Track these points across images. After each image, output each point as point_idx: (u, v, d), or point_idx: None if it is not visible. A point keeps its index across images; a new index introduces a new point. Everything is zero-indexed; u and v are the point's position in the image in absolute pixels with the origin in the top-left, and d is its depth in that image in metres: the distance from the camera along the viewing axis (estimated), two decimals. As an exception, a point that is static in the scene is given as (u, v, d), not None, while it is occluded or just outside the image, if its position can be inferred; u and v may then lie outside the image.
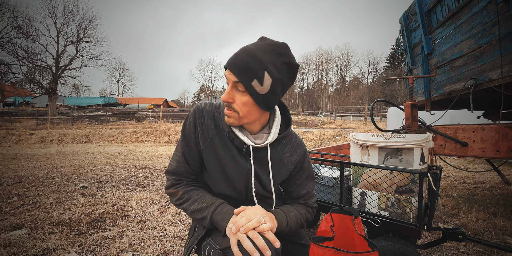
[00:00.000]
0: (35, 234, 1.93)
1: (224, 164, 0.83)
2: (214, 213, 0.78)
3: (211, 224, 0.79)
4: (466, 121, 5.00)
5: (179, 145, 0.89)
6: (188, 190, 0.87)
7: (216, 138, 0.84)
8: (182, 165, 0.88)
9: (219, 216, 0.77)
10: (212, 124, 0.85)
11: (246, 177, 0.85)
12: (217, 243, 0.77)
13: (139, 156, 6.91)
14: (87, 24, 22.79)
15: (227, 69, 0.73)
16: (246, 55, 0.69)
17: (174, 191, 0.88)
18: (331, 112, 27.51)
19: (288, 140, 0.91)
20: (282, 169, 0.88)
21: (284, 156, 0.89)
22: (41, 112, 18.22)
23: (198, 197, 0.84)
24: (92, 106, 32.23)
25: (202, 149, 0.85)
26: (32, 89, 25.63)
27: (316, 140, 9.91)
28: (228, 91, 0.74)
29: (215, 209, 0.79)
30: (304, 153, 0.93)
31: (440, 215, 2.26)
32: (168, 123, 14.75)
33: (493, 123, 1.72)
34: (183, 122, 0.88)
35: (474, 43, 1.81)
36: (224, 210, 0.78)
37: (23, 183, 3.69)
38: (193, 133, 0.85)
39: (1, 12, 18.52)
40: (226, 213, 0.77)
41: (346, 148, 2.30)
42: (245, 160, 0.85)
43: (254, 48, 0.70)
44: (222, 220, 0.76)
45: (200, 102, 0.89)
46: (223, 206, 0.80)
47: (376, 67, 58.99)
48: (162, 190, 3.23)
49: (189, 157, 0.87)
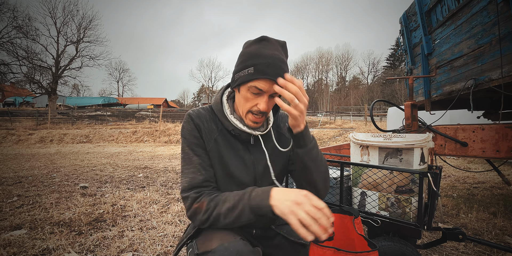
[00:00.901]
0: (35, 234, 1.93)
1: (228, 163, 0.84)
2: (250, 199, 0.70)
3: (253, 215, 0.70)
4: (466, 121, 5.00)
5: (186, 157, 0.83)
6: (213, 197, 0.77)
7: (219, 139, 0.85)
8: (199, 174, 0.81)
9: (257, 199, 0.69)
10: (212, 125, 0.86)
11: (254, 171, 0.87)
12: (197, 246, 0.74)
13: (139, 156, 6.91)
14: (87, 24, 22.81)
15: (263, 79, 0.74)
16: (280, 63, 0.74)
17: (198, 205, 0.77)
18: (331, 112, 27.50)
19: (276, 115, 0.98)
20: (288, 142, 0.93)
21: (281, 129, 0.97)
22: (41, 112, 18.22)
23: (226, 196, 0.75)
24: (92, 106, 32.22)
25: (208, 150, 0.85)
26: (32, 89, 25.65)
27: (316, 140, 9.91)
28: (266, 101, 0.77)
29: (250, 196, 0.71)
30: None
31: (440, 215, 2.26)
32: (168, 123, 14.75)
33: (493, 123, 1.72)
34: (182, 132, 0.85)
35: (474, 43, 1.81)
36: (260, 191, 0.71)
37: (23, 183, 3.69)
38: (199, 137, 0.84)
39: (1, 12, 18.54)
40: (263, 191, 0.70)
41: (346, 148, 2.29)
42: (250, 153, 0.88)
43: (278, 53, 0.76)
44: (262, 199, 0.68)
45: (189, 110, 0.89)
46: (256, 190, 0.73)
47: (376, 67, 58.99)
48: (162, 190, 3.23)
49: (204, 163, 0.82)
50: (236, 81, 0.80)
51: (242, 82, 0.78)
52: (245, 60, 0.77)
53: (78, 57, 22.45)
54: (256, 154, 0.88)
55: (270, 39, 0.77)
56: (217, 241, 0.70)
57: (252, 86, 0.76)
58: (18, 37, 19.46)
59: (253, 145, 0.89)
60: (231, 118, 0.85)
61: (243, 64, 0.77)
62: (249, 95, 0.78)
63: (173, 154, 7.20)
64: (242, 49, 0.81)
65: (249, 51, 0.77)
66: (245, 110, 0.81)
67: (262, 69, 0.73)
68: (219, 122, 0.87)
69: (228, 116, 0.85)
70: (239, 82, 0.78)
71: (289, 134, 0.85)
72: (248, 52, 0.77)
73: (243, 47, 0.81)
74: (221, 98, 0.89)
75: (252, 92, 0.77)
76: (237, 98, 0.83)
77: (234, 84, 0.82)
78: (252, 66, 0.74)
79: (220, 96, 0.90)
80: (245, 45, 0.81)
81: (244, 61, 0.77)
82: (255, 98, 0.78)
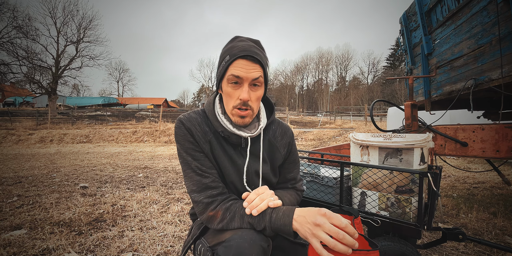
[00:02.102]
0: (35, 234, 1.93)
1: (223, 167, 0.84)
2: (271, 222, 0.69)
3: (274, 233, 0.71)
4: (466, 121, 5.00)
5: (185, 162, 0.81)
6: (228, 206, 0.75)
7: (213, 141, 0.84)
8: (205, 176, 0.80)
9: (278, 222, 0.68)
10: (205, 127, 0.84)
11: (247, 175, 0.85)
12: (207, 241, 0.76)
13: (139, 156, 6.91)
14: (87, 24, 22.77)
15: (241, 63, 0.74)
16: (254, 48, 0.75)
17: (213, 213, 0.75)
18: (331, 112, 27.50)
19: (276, 124, 0.95)
20: (277, 154, 0.92)
21: (276, 140, 0.92)
22: (41, 112, 18.22)
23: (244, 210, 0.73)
24: (92, 106, 32.25)
25: (206, 153, 0.83)
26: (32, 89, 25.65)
27: (316, 140, 9.91)
28: (247, 90, 0.76)
29: (270, 218, 0.69)
30: (292, 135, 0.98)
31: (440, 215, 2.26)
32: (168, 123, 14.75)
33: (493, 123, 1.72)
34: (176, 138, 0.83)
35: (474, 43, 1.81)
36: (281, 214, 0.69)
37: (23, 183, 3.69)
38: (193, 141, 0.82)
39: (1, 12, 18.51)
40: (284, 215, 0.68)
41: (346, 148, 2.29)
42: (243, 157, 0.86)
43: (250, 43, 0.77)
44: (284, 224, 0.67)
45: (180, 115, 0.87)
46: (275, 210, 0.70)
47: (376, 67, 59.01)
48: (162, 190, 3.23)
49: (205, 166, 0.81)
50: (218, 77, 0.81)
51: (221, 74, 0.78)
52: (221, 56, 0.80)
53: (78, 57, 22.42)
54: (250, 158, 0.86)
55: (242, 37, 0.81)
56: (230, 232, 0.72)
57: (229, 76, 0.76)
58: (18, 37, 19.44)
59: (244, 148, 0.86)
60: (221, 118, 0.82)
61: (220, 59, 0.80)
62: (229, 89, 0.78)
63: (173, 154, 7.20)
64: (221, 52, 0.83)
65: (224, 49, 0.80)
66: (230, 107, 0.80)
67: (235, 52, 0.74)
68: (211, 124, 0.85)
69: (219, 116, 0.83)
70: (220, 77, 0.79)
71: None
72: (224, 50, 0.80)
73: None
74: (214, 99, 0.87)
75: (232, 83, 0.77)
76: (223, 98, 0.83)
77: (217, 82, 0.83)
78: (228, 54, 0.76)
79: (213, 97, 0.88)
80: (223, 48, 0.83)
81: (221, 56, 0.80)
82: (236, 90, 0.77)
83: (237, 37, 0.81)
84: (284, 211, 0.69)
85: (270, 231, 0.70)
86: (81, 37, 22.55)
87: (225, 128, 0.82)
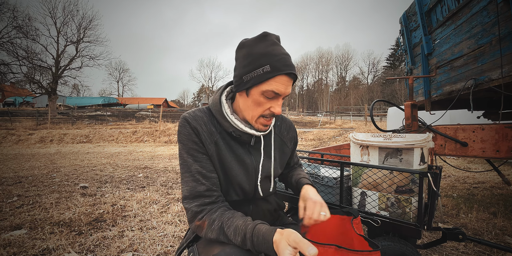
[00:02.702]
0: (35, 234, 1.93)
1: (229, 168, 0.82)
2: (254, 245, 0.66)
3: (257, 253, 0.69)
4: (466, 121, 5.00)
5: (184, 164, 0.78)
6: (214, 219, 0.72)
7: (219, 141, 0.81)
8: (200, 183, 0.77)
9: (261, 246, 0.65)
10: (211, 127, 0.82)
11: (255, 174, 0.86)
12: (198, 252, 0.74)
13: (139, 156, 6.90)
14: (87, 24, 22.75)
15: (283, 79, 0.73)
16: (291, 59, 0.75)
17: (199, 223, 0.74)
18: (331, 112, 27.49)
19: (281, 120, 0.97)
20: (286, 149, 0.95)
21: (283, 135, 0.95)
22: (41, 112, 18.23)
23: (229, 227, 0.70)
24: (92, 106, 32.26)
25: (210, 155, 0.80)
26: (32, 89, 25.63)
27: (316, 140, 9.91)
28: (280, 104, 0.77)
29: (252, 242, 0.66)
30: (295, 128, 1.04)
31: (440, 215, 2.26)
32: (168, 123, 14.75)
33: (493, 123, 1.72)
34: (179, 137, 0.80)
35: (474, 43, 1.81)
36: (261, 238, 0.65)
37: (23, 183, 3.69)
38: (198, 142, 0.78)
39: (1, 12, 18.50)
40: (264, 240, 0.64)
41: (346, 148, 2.29)
42: (251, 154, 0.86)
43: (283, 48, 0.75)
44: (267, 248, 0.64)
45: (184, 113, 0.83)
46: (255, 234, 0.66)
47: (376, 67, 58.99)
48: (162, 190, 3.23)
49: (205, 169, 0.78)
50: (248, 83, 0.74)
51: (256, 83, 0.72)
52: (256, 59, 0.72)
53: (78, 57, 22.40)
54: (257, 156, 0.86)
55: (271, 35, 0.75)
56: (219, 247, 0.70)
57: (268, 90, 0.72)
58: (18, 37, 19.41)
59: (254, 146, 0.86)
60: (231, 118, 0.80)
61: (254, 63, 0.72)
62: (262, 99, 0.75)
63: (173, 154, 7.20)
64: (244, 48, 0.75)
65: (258, 50, 0.72)
66: (257, 114, 0.78)
67: (279, 66, 0.70)
68: (218, 124, 0.83)
69: (229, 116, 0.81)
70: (252, 84, 0.73)
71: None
72: (257, 51, 0.72)
73: (243, 46, 0.76)
74: (220, 98, 0.84)
75: (267, 96, 0.74)
76: (245, 102, 0.78)
77: (243, 86, 0.76)
78: (268, 64, 0.70)
79: (218, 96, 0.84)
80: (247, 43, 0.75)
81: (255, 60, 0.72)
82: (268, 101, 0.76)
83: (268, 36, 0.74)
84: (264, 236, 0.65)
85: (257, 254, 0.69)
86: (81, 37, 22.53)
87: (236, 127, 0.81)
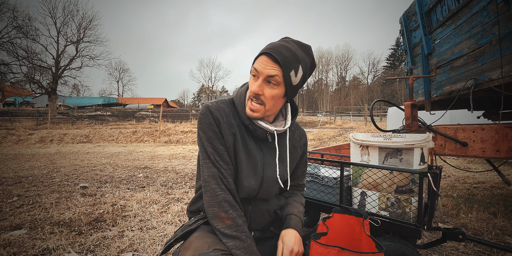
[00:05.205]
0: (35, 234, 1.93)
1: (240, 161, 0.84)
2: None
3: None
4: (466, 121, 5.00)
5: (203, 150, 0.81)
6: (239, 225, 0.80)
7: (237, 134, 0.84)
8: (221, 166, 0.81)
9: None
10: (232, 119, 0.84)
11: (263, 173, 0.86)
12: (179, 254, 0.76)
13: (139, 156, 6.90)
14: (87, 24, 22.72)
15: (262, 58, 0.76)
16: (284, 49, 0.75)
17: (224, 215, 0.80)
18: (331, 112, 27.48)
19: (295, 126, 1.00)
20: (295, 153, 0.96)
21: (295, 140, 0.98)
22: (41, 112, 18.22)
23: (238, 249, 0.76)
24: (92, 106, 32.26)
25: (228, 147, 0.82)
26: (32, 89, 25.57)
27: (316, 140, 9.91)
28: (259, 83, 0.77)
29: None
30: (307, 137, 1.05)
31: (440, 215, 2.26)
32: (168, 123, 14.75)
33: (493, 123, 1.72)
34: (200, 125, 0.81)
35: (474, 43, 1.81)
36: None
37: (23, 183, 3.69)
38: (218, 132, 0.81)
39: (1, 12, 18.48)
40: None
41: (346, 148, 2.29)
42: (262, 152, 0.87)
43: (288, 45, 0.76)
44: None
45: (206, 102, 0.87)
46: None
47: (376, 67, 58.97)
48: (162, 190, 3.23)
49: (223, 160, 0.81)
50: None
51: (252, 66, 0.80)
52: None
53: (78, 57, 22.38)
54: (267, 154, 0.88)
55: (291, 39, 0.81)
56: (191, 252, 0.71)
57: (252, 68, 0.79)
58: (18, 37, 19.39)
59: (266, 144, 0.88)
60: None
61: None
62: (250, 80, 0.81)
63: (173, 154, 7.20)
64: None
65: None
66: (248, 97, 0.82)
67: (263, 48, 0.77)
68: (237, 116, 0.85)
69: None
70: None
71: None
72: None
73: None
74: (246, 91, 0.87)
75: (252, 75, 0.79)
76: None
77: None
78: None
79: (244, 89, 0.88)
80: None
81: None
82: (253, 83, 0.79)
83: (284, 37, 0.82)
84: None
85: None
86: (81, 37, 22.51)
87: (252, 121, 0.83)
